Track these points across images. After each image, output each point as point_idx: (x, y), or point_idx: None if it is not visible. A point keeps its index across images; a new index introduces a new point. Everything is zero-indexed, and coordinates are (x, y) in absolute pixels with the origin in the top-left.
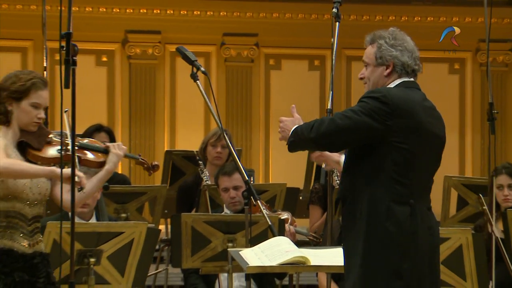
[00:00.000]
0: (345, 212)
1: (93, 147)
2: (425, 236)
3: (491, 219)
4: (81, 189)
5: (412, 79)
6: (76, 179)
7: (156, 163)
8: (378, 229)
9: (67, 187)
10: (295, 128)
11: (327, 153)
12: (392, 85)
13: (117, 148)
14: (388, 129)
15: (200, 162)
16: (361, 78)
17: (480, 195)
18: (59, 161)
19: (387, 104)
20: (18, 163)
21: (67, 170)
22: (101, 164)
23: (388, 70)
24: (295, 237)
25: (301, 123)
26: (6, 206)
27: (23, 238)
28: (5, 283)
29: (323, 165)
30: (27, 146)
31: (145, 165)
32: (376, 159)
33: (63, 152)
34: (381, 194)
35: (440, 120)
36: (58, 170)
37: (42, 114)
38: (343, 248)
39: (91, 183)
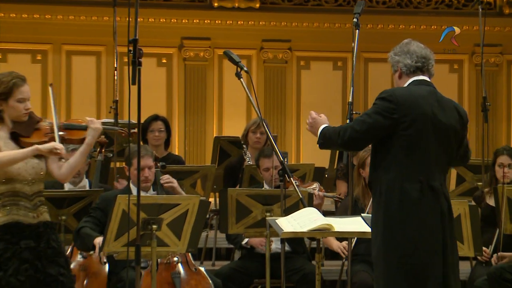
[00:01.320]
0: (372, 194)
1: (74, 126)
2: (437, 207)
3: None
4: (60, 158)
5: (422, 77)
6: (58, 150)
7: (134, 131)
8: (394, 205)
9: (55, 160)
10: (323, 130)
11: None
12: (405, 85)
13: (94, 123)
14: (395, 122)
15: (244, 146)
16: None
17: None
18: (44, 142)
19: (392, 101)
20: (5, 154)
21: (47, 145)
22: (83, 140)
23: (398, 74)
24: (324, 200)
25: (327, 123)
26: (8, 188)
27: (27, 212)
28: (13, 251)
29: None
30: (18, 136)
31: (124, 134)
32: (388, 147)
33: (46, 135)
34: (394, 175)
35: (452, 110)
36: (39, 146)
37: (28, 105)
38: (371, 221)
39: (75, 156)
